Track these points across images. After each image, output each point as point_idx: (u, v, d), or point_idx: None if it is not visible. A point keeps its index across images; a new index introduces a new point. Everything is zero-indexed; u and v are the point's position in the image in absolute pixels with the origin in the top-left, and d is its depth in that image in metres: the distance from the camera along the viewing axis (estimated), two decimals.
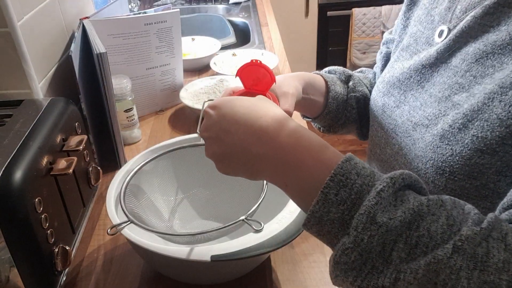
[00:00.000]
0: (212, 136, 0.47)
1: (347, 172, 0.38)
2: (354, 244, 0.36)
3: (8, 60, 0.71)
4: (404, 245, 0.35)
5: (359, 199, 0.37)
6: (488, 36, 0.50)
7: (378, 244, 0.36)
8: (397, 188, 0.37)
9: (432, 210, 0.36)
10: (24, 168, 0.53)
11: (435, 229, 0.35)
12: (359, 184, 0.37)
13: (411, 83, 0.60)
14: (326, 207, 0.38)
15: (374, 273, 0.36)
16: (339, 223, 0.38)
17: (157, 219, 0.68)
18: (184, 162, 0.71)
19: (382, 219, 0.35)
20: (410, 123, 0.57)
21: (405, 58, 0.63)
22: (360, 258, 0.36)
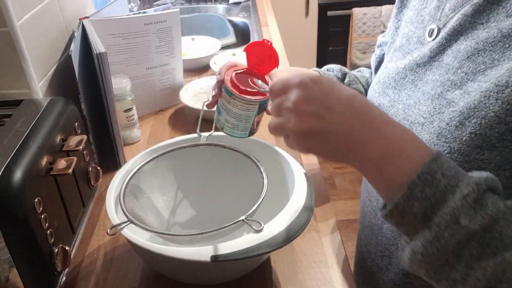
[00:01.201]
0: (313, 111, 0.44)
1: (433, 171, 0.40)
2: (434, 239, 0.40)
3: (8, 60, 0.71)
4: (477, 244, 0.39)
5: (442, 198, 0.40)
6: (479, 33, 0.51)
7: (455, 241, 0.39)
8: (481, 193, 0.40)
9: (506, 215, 0.39)
10: (24, 168, 0.53)
11: (506, 233, 0.39)
12: (444, 185, 0.40)
13: (406, 82, 0.60)
14: (410, 202, 0.41)
15: (446, 267, 0.40)
16: (421, 217, 0.41)
17: (157, 219, 0.68)
18: (184, 162, 0.71)
19: (465, 222, 0.39)
20: (407, 122, 0.57)
21: (398, 58, 0.64)
22: (437, 252, 0.40)
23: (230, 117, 0.63)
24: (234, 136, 0.65)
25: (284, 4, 2.53)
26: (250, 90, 0.61)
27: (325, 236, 0.71)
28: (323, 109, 0.44)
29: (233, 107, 0.62)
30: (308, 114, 0.45)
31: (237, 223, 0.55)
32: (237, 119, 0.63)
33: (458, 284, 0.40)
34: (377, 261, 0.69)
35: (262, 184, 0.60)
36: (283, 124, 0.47)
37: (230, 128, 0.64)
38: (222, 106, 0.64)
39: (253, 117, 0.63)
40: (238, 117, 0.63)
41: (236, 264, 0.60)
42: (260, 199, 0.58)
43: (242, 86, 0.61)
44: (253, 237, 0.53)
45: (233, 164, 0.69)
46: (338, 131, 0.44)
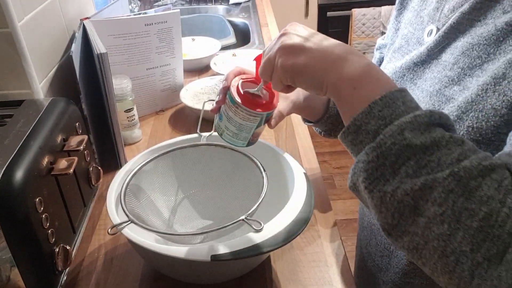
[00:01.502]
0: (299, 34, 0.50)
1: (396, 98, 0.42)
2: (377, 144, 0.41)
3: (9, 61, 0.71)
4: (414, 163, 0.40)
5: (396, 120, 0.41)
6: (476, 30, 0.51)
7: (395, 154, 0.40)
8: (432, 121, 0.41)
9: (450, 145, 0.40)
10: (25, 168, 0.54)
11: (445, 159, 0.39)
12: (401, 110, 0.42)
13: (404, 82, 0.61)
14: (367, 119, 0.42)
15: (381, 180, 0.41)
16: (372, 135, 0.42)
17: (157, 219, 0.68)
18: (184, 162, 0.71)
19: (408, 135, 0.40)
20: None
21: (397, 59, 0.64)
22: (376, 160, 0.41)
23: (231, 125, 0.62)
24: (232, 144, 0.64)
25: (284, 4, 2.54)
26: (255, 101, 0.60)
27: (325, 236, 0.71)
28: (309, 35, 0.50)
29: (235, 116, 0.61)
30: (295, 35, 0.50)
31: (237, 222, 0.55)
32: (237, 128, 0.62)
33: (387, 196, 0.41)
34: (377, 261, 0.70)
35: (262, 184, 0.60)
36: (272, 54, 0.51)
37: (229, 135, 0.63)
38: (224, 112, 0.63)
39: (254, 128, 0.62)
40: (239, 126, 0.62)
41: (236, 264, 0.60)
42: (260, 199, 0.58)
43: (247, 96, 0.60)
44: (253, 236, 0.54)
45: (233, 164, 0.69)
46: (322, 48, 0.48)
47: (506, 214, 0.37)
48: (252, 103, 0.60)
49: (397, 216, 0.40)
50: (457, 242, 0.38)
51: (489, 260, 0.37)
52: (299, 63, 0.48)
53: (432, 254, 0.39)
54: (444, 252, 0.38)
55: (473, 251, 0.37)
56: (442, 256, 0.38)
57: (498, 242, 0.37)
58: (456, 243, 0.38)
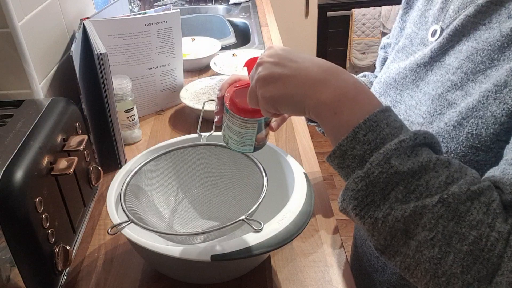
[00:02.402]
0: (275, 61, 0.49)
1: (379, 120, 0.42)
2: (365, 174, 0.41)
3: (9, 60, 0.71)
4: (403, 188, 0.40)
5: (382, 144, 0.41)
6: (481, 34, 0.51)
7: (384, 181, 0.40)
8: (417, 143, 0.41)
9: (437, 168, 0.40)
10: (25, 168, 0.54)
11: (433, 183, 0.40)
12: (386, 133, 0.42)
13: (407, 83, 0.60)
14: (352, 144, 0.42)
15: (371, 206, 0.41)
16: (359, 159, 0.42)
17: (157, 219, 0.68)
18: (184, 162, 0.71)
19: (395, 162, 0.40)
20: (407, 122, 0.57)
21: (401, 59, 0.64)
22: (365, 189, 0.41)
23: (232, 134, 0.62)
24: (240, 152, 0.64)
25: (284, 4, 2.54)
26: (249, 108, 0.58)
27: (325, 236, 0.71)
28: (285, 60, 0.49)
29: (233, 125, 0.61)
30: (270, 63, 0.50)
31: (237, 222, 0.55)
32: (239, 136, 0.62)
33: (378, 222, 0.41)
34: (373, 262, 0.70)
35: (262, 184, 0.60)
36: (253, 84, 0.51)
37: (234, 144, 0.63)
38: (224, 122, 0.63)
39: (255, 134, 0.61)
40: (239, 134, 0.61)
41: (236, 264, 0.60)
42: (260, 199, 0.58)
43: (240, 104, 0.59)
44: (253, 236, 0.54)
45: (233, 164, 0.69)
46: (298, 74, 0.47)
47: (495, 238, 0.38)
48: (246, 111, 0.59)
49: (389, 238, 0.41)
50: (448, 265, 0.39)
51: (479, 281, 0.38)
52: (278, 93, 0.48)
53: (424, 275, 0.40)
54: (436, 273, 0.39)
55: (464, 273, 0.38)
56: (434, 277, 0.40)
57: (488, 265, 0.38)
58: (447, 266, 0.39)
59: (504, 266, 0.37)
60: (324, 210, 0.76)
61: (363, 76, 0.83)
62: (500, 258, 0.38)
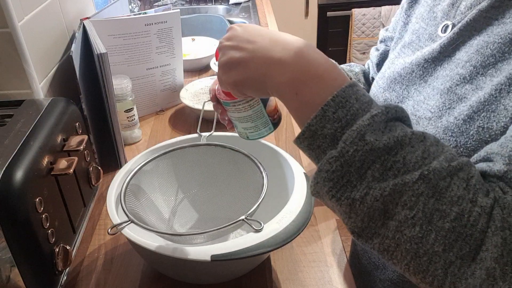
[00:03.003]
0: (233, 44, 0.48)
1: (348, 95, 0.40)
2: (339, 154, 0.39)
3: (9, 61, 0.71)
4: (380, 166, 0.38)
5: (353, 120, 0.40)
6: (493, 29, 0.50)
7: (359, 160, 0.38)
8: (389, 117, 0.40)
9: (413, 143, 0.39)
10: (25, 168, 0.54)
11: (410, 158, 0.38)
12: (356, 108, 0.40)
13: (414, 78, 0.60)
14: (322, 123, 0.40)
15: (348, 186, 0.39)
16: (330, 138, 0.40)
17: (157, 219, 0.68)
18: (184, 162, 0.71)
19: (370, 138, 0.38)
20: (414, 117, 0.57)
21: (407, 55, 0.63)
22: (340, 169, 0.39)
23: (246, 123, 0.61)
24: (263, 136, 0.62)
25: (284, 4, 2.54)
26: None
27: (325, 236, 0.71)
28: (243, 42, 0.48)
29: (239, 113, 0.60)
30: (229, 47, 0.49)
31: (237, 222, 0.55)
32: (252, 121, 0.61)
33: (356, 203, 0.39)
34: (373, 259, 0.70)
35: (262, 184, 0.61)
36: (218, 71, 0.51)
37: (253, 132, 0.62)
38: (232, 118, 0.62)
39: (263, 109, 0.60)
40: (250, 118, 0.60)
41: (236, 264, 0.60)
42: (260, 199, 0.58)
43: None
44: (253, 236, 0.54)
45: (233, 164, 0.69)
46: (256, 56, 0.46)
47: (477, 213, 0.37)
48: None
49: (367, 220, 0.40)
50: (430, 244, 0.37)
51: (462, 259, 0.37)
52: (239, 78, 0.48)
53: (405, 255, 0.39)
54: (417, 253, 0.38)
55: (446, 251, 0.37)
56: (415, 257, 0.38)
57: (471, 241, 0.37)
58: (429, 244, 0.37)
59: (488, 241, 0.37)
60: (324, 210, 0.76)
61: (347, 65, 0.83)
62: (483, 233, 0.37)
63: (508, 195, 0.38)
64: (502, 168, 0.40)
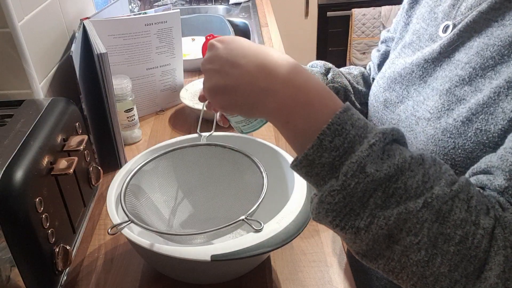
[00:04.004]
0: (216, 68, 0.47)
1: (343, 122, 0.40)
2: (341, 187, 0.39)
3: (9, 61, 0.71)
4: (382, 193, 0.38)
5: (350, 148, 0.39)
6: (493, 31, 0.50)
7: (361, 190, 0.39)
8: (387, 142, 0.40)
9: (412, 167, 0.39)
10: (25, 168, 0.54)
11: (411, 183, 0.39)
12: (352, 135, 0.40)
13: (413, 78, 0.60)
14: (319, 152, 0.40)
15: (351, 215, 0.40)
16: (328, 167, 0.40)
17: (157, 219, 0.68)
18: (184, 162, 0.71)
19: (370, 170, 0.38)
20: (414, 117, 0.57)
21: (407, 55, 0.63)
22: (343, 200, 0.39)
23: (236, 117, 0.62)
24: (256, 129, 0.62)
25: (284, 4, 2.54)
26: None
27: (325, 236, 0.71)
28: (226, 66, 0.46)
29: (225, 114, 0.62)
30: (212, 71, 0.47)
31: (237, 222, 0.55)
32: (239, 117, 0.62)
33: (361, 232, 0.39)
34: None
35: (262, 184, 0.61)
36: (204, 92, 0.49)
37: (245, 125, 0.62)
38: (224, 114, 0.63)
39: None
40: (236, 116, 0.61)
41: (236, 264, 0.60)
42: (260, 199, 0.58)
43: None
44: (253, 236, 0.54)
45: (233, 164, 0.69)
46: (242, 83, 0.44)
47: (481, 235, 0.38)
48: None
49: (371, 244, 0.40)
50: (436, 267, 0.38)
51: (467, 277, 0.38)
52: (226, 103, 0.47)
53: (411, 277, 0.40)
54: (423, 275, 0.39)
55: (451, 271, 0.38)
56: (421, 278, 0.39)
57: (475, 261, 0.38)
58: (435, 267, 0.38)
59: (491, 260, 0.38)
60: None
61: (346, 68, 0.83)
62: (487, 253, 0.38)
63: (508, 212, 0.40)
64: (502, 183, 0.41)
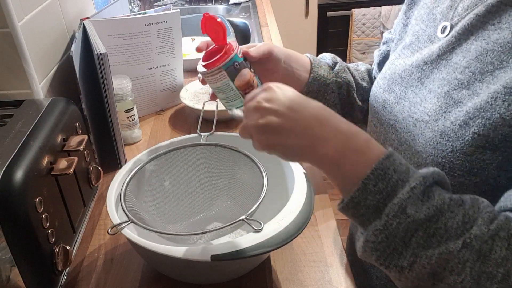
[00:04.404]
0: (274, 108, 0.48)
1: (386, 167, 0.43)
2: (384, 227, 0.42)
3: (9, 61, 0.71)
4: (423, 233, 0.41)
5: (393, 191, 0.43)
6: (490, 34, 0.50)
7: (403, 230, 0.42)
8: (427, 185, 0.42)
9: (452, 208, 0.42)
10: (25, 168, 0.54)
11: (451, 224, 0.41)
12: (395, 179, 0.43)
13: (412, 80, 0.60)
14: (364, 195, 0.43)
15: (394, 254, 0.43)
16: (373, 209, 0.43)
17: (157, 219, 0.68)
18: (184, 162, 0.71)
19: (411, 211, 0.41)
20: (411, 119, 0.57)
21: (407, 56, 0.64)
22: (386, 240, 0.42)
23: (218, 93, 0.64)
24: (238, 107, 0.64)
25: (284, 4, 2.54)
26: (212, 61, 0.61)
27: (325, 236, 0.71)
28: (284, 108, 0.48)
29: (211, 84, 0.63)
30: (268, 110, 0.48)
31: (237, 222, 0.55)
32: (222, 92, 0.63)
33: (405, 271, 0.42)
34: None
35: (262, 184, 0.61)
36: (247, 123, 0.51)
37: (226, 102, 0.64)
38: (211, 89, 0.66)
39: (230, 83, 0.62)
40: (220, 90, 0.63)
41: (236, 264, 0.60)
42: (260, 199, 0.58)
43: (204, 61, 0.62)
44: (253, 236, 0.54)
45: (233, 164, 0.69)
46: (296, 128, 0.47)
47: None
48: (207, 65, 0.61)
49: (417, 281, 0.43)
50: None
51: None
52: (275, 143, 0.49)
53: None
54: None
55: None
56: None
57: None
58: None
59: None
60: (324, 210, 0.76)
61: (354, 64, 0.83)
62: None
63: None
64: None
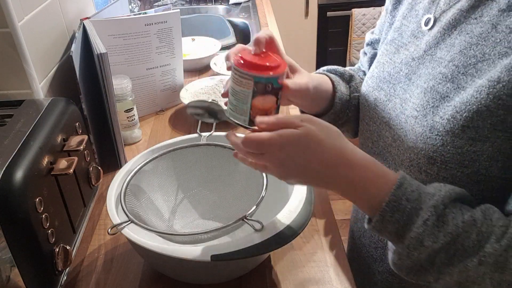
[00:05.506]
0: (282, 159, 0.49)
1: (399, 198, 0.47)
2: (407, 256, 0.48)
3: (9, 61, 0.71)
4: (445, 255, 0.46)
5: (409, 220, 0.47)
6: (472, 28, 0.52)
7: (425, 258, 0.47)
8: (440, 213, 0.46)
9: (466, 228, 0.46)
10: (25, 168, 0.54)
11: (467, 243, 0.46)
12: (409, 209, 0.47)
13: (400, 77, 0.61)
14: (384, 224, 0.48)
15: (422, 271, 0.48)
16: (395, 234, 0.48)
17: (157, 219, 0.68)
18: (184, 162, 0.71)
19: (428, 242, 0.46)
20: (403, 115, 0.58)
21: (390, 52, 0.64)
22: (411, 264, 0.48)
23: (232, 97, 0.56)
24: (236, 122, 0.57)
25: (284, 4, 2.54)
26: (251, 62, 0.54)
27: (325, 236, 0.71)
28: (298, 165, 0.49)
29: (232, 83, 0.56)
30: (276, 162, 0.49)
31: (237, 223, 0.55)
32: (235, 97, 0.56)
33: (432, 283, 0.48)
34: (371, 252, 0.70)
35: (262, 184, 0.61)
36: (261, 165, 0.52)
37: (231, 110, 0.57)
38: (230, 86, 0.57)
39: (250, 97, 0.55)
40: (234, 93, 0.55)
41: (236, 264, 0.60)
42: (260, 199, 0.58)
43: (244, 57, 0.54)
44: (253, 236, 0.54)
45: (233, 164, 0.69)
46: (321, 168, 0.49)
47: None
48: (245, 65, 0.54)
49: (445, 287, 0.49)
50: None
51: None
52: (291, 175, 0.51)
53: None
54: None
55: None
56: None
57: None
58: None
59: None
60: (324, 210, 0.76)
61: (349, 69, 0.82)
62: None
63: None
64: None
